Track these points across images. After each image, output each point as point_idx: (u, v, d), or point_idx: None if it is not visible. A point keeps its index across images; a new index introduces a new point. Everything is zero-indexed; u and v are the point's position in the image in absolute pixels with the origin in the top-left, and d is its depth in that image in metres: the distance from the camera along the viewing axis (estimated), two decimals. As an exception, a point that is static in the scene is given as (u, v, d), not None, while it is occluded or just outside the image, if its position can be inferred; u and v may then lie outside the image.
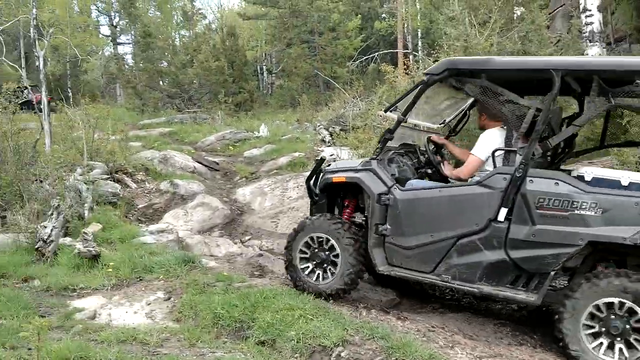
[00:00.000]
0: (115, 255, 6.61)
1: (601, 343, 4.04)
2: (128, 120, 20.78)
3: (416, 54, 27.15)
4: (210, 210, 9.53)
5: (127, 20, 35.38)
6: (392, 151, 5.49)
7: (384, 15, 32.67)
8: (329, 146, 14.60)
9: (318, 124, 17.37)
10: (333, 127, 16.28)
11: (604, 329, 4.04)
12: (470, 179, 4.94)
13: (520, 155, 4.44)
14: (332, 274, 5.10)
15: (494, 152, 4.73)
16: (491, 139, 4.89)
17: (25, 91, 21.65)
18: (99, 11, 37.74)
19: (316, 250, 5.18)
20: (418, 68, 13.88)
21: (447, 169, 5.29)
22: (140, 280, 5.94)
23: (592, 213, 4.17)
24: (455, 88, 5.06)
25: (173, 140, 16.14)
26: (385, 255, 5.10)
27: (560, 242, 4.27)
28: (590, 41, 13.46)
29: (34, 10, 11.55)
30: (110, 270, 6.10)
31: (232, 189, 11.21)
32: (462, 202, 4.72)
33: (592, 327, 4.08)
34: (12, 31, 27.40)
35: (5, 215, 8.12)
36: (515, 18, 13.70)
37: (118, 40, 37.69)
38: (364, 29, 30.56)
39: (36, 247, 6.76)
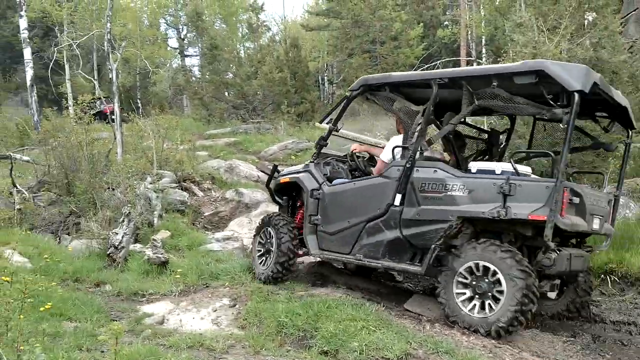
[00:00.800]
0: (183, 261, 6.80)
1: (474, 305, 4.78)
2: (195, 131, 21.40)
3: (480, 61, 26.64)
4: (274, 219, 9.62)
5: (194, 33, 36.46)
6: (332, 157, 6.58)
7: (446, 22, 32.29)
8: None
9: (378, 133, 17.33)
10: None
11: (473, 293, 4.80)
12: None
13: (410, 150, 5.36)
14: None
15: (393, 149, 5.69)
16: (393, 143, 5.83)
17: (98, 102, 22.74)
18: (167, 24, 39.14)
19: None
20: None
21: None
22: (207, 286, 6.08)
23: (461, 193, 4.99)
24: (371, 100, 6.14)
25: (238, 150, 16.49)
26: (317, 242, 6.05)
27: (437, 218, 5.08)
28: (667, 46, 12.77)
29: (108, 24, 12.10)
30: (178, 276, 6.28)
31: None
32: (369, 192, 5.69)
33: (463, 293, 4.83)
34: (87, 45, 28.79)
35: (80, 221, 8.51)
36: (586, 24, 13.22)
37: (185, 53, 38.88)
38: (426, 37, 30.27)
39: (108, 252, 7.06)
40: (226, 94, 27.30)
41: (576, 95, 4.54)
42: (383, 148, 6.26)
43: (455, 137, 6.03)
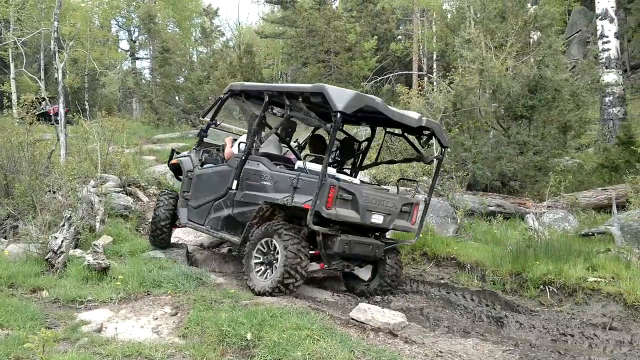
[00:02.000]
0: (125, 268, 6.61)
1: (263, 270, 6.08)
2: (143, 134, 20.97)
3: (431, 75, 27.22)
4: (221, 226, 9.51)
5: (146, 36, 35.85)
6: (213, 146, 7.84)
7: (400, 37, 32.87)
8: (342, 165, 14.58)
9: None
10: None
11: (264, 261, 6.10)
12: None
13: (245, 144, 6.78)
14: None
15: (239, 144, 7.07)
16: (241, 139, 7.19)
17: (43, 103, 21.98)
18: (119, 26, 38.34)
19: None
20: (433, 90, 13.89)
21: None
22: (148, 294, 5.92)
23: (269, 183, 6.33)
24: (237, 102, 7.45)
25: (186, 155, 16.17)
26: (187, 214, 7.50)
27: (253, 202, 6.43)
28: (606, 67, 13.43)
29: (56, 23, 11.71)
30: (119, 283, 6.09)
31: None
32: (218, 176, 7.06)
33: (259, 261, 6.12)
34: (33, 43, 27.86)
35: (18, 225, 8.16)
36: (531, 42, 13.71)
37: (136, 55, 38.17)
38: (379, 50, 30.70)
39: (46, 257, 6.77)
40: (177, 98, 26.91)
41: (338, 115, 5.65)
42: None
43: (320, 141, 7.59)
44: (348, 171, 7.73)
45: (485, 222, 9.48)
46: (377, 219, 6.29)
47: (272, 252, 6.03)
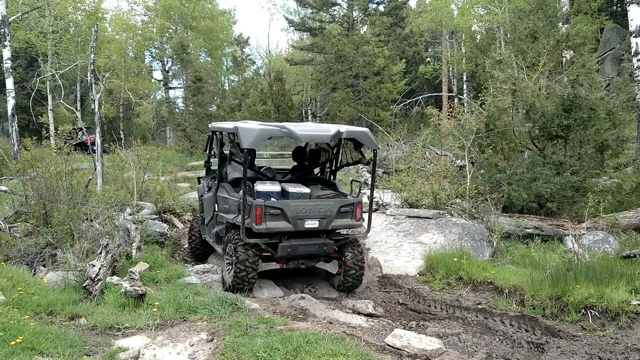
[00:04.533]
0: (161, 294, 6.66)
1: (229, 269, 7.49)
2: (177, 162, 21.33)
3: (461, 97, 27.09)
4: (254, 252, 9.54)
5: (179, 66, 36.71)
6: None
7: (428, 59, 32.90)
8: (373, 189, 14.51)
9: (361, 167, 17.37)
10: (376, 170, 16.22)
11: (230, 263, 7.46)
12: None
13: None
14: None
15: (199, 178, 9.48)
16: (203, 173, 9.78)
17: (80, 133, 22.61)
18: (152, 56, 39.38)
19: None
20: (464, 111, 13.80)
21: None
22: (184, 320, 5.94)
23: (227, 206, 7.87)
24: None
25: (219, 182, 16.35)
26: (204, 231, 9.14)
27: (222, 221, 8.03)
28: (642, 85, 13.07)
29: (92, 55, 12.09)
30: (155, 309, 6.14)
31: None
32: (209, 201, 8.72)
33: (228, 263, 7.51)
34: (70, 76, 28.78)
35: (56, 253, 8.33)
36: (564, 62, 13.55)
37: (170, 85, 39.04)
38: (408, 73, 30.79)
39: (84, 285, 6.88)
40: (210, 126, 27.36)
41: (245, 151, 6.86)
42: None
43: (300, 153, 9.09)
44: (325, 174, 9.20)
45: (523, 245, 9.28)
46: (311, 224, 7.33)
47: (232, 255, 7.39)
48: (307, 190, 7.88)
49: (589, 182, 10.84)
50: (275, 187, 7.77)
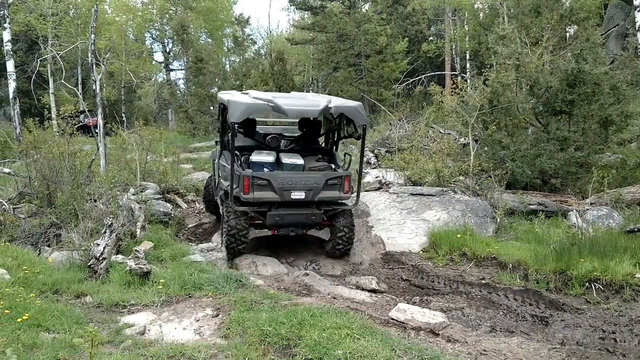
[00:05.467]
0: (166, 272, 6.70)
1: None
2: (179, 144, 21.30)
3: (464, 75, 26.89)
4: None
5: (179, 47, 36.47)
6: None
7: (431, 37, 32.58)
8: (374, 168, 14.51)
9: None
10: (379, 149, 16.20)
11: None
12: None
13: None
14: None
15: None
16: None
17: (82, 115, 22.55)
18: (153, 38, 39.06)
19: None
20: (468, 88, 13.70)
21: None
22: (190, 297, 5.98)
23: (226, 174, 8.06)
24: None
25: (222, 162, 16.36)
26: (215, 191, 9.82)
27: (222, 187, 8.58)
28: (647, 59, 12.97)
29: (92, 36, 12.01)
30: (161, 287, 6.17)
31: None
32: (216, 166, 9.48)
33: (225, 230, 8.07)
34: (71, 58, 28.62)
35: (61, 233, 8.36)
36: (568, 37, 13.42)
37: (171, 67, 38.84)
38: (410, 52, 30.50)
39: (89, 264, 6.90)
40: (211, 107, 27.27)
41: (232, 124, 7.28)
42: None
43: (305, 123, 9.18)
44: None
45: (526, 221, 9.28)
46: (297, 195, 7.71)
47: (226, 221, 7.87)
48: (301, 161, 8.18)
49: (593, 158, 10.79)
50: (269, 158, 8.14)
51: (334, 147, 9.16)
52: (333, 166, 8.49)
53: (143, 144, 11.81)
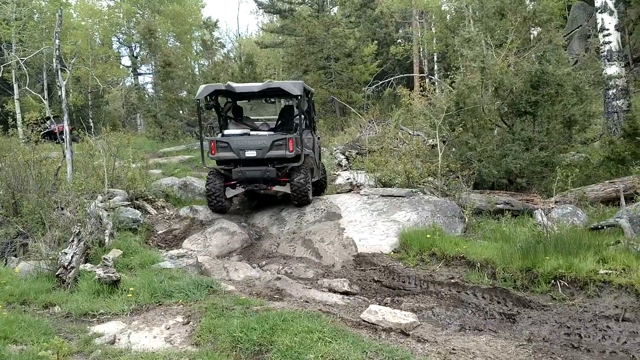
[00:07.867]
0: (135, 280, 6.63)
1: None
2: (148, 149, 21.06)
3: (432, 77, 27.21)
4: (229, 235, 9.56)
5: (147, 51, 36.04)
6: None
7: (399, 40, 32.91)
8: (345, 170, 14.59)
9: (334, 149, 17.42)
10: (349, 151, 16.31)
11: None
12: None
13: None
14: None
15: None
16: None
17: (48, 122, 22.11)
18: (120, 42, 38.56)
19: None
20: (435, 90, 13.89)
21: None
22: (160, 305, 5.93)
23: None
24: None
25: (192, 167, 16.30)
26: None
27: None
28: (608, 60, 13.34)
29: (57, 41, 11.81)
30: (130, 295, 6.11)
31: (250, 213, 11.23)
32: None
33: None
34: (36, 63, 28.09)
35: (27, 242, 8.20)
36: (532, 39, 13.71)
37: (138, 71, 38.34)
38: (379, 54, 30.76)
39: (57, 273, 6.79)
40: (180, 111, 27.02)
41: (196, 100, 10.29)
42: None
43: (287, 112, 11.55)
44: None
45: (494, 220, 9.45)
46: (250, 153, 9.88)
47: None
48: (263, 134, 10.46)
49: (557, 157, 11.05)
50: (237, 131, 10.51)
51: (313, 126, 11.70)
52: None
53: (111, 150, 11.66)
